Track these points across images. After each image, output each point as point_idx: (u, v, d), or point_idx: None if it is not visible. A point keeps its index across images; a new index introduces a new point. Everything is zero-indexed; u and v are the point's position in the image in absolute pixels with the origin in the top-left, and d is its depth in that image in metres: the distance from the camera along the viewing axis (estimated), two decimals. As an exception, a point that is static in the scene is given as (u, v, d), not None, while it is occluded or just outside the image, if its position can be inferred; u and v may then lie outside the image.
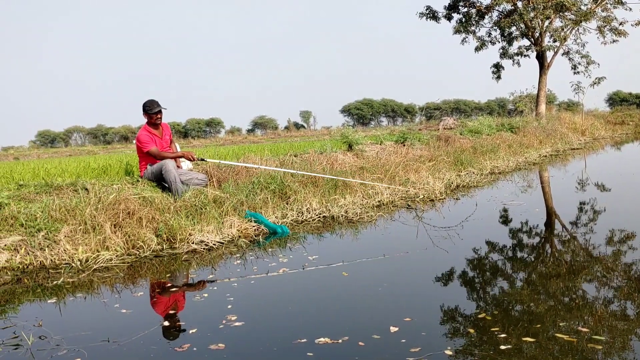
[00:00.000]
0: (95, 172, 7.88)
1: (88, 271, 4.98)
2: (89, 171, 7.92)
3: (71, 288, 4.56)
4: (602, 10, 22.94)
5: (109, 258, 5.23)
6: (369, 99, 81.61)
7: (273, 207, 6.87)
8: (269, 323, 3.61)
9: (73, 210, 5.59)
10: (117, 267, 5.12)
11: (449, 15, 24.66)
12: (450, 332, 3.23)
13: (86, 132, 78.80)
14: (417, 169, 9.44)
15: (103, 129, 77.62)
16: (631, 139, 22.69)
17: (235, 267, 4.97)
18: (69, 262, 5.15)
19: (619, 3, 22.72)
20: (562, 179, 10.46)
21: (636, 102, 62.21)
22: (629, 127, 28.91)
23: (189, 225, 5.86)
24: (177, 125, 71.57)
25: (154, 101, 6.90)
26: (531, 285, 4.12)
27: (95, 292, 4.48)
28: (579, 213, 6.95)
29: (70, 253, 5.20)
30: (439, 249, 5.26)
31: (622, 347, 2.91)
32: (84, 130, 79.00)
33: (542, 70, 24.19)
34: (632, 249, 4.91)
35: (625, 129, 28.10)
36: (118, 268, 5.09)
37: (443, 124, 23.30)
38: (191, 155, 6.89)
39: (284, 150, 10.92)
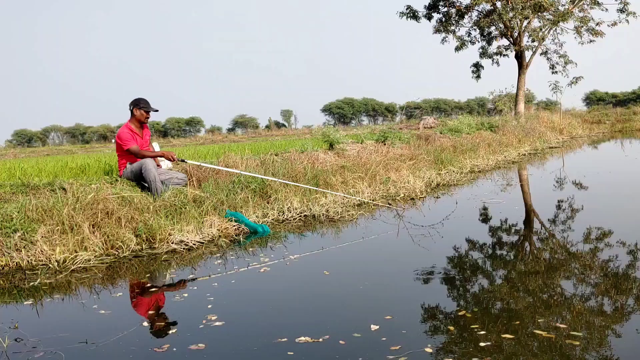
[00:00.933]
0: (73, 171, 7.78)
1: (66, 272, 4.91)
2: (66, 171, 7.82)
3: (48, 289, 4.49)
4: (579, 11, 23.25)
5: (87, 259, 5.16)
6: (350, 98, 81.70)
7: (254, 206, 6.85)
8: (249, 322, 3.59)
9: (50, 211, 5.51)
10: (96, 267, 5.06)
11: (429, 15, 24.80)
12: (430, 329, 3.24)
13: (64, 131, 77.78)
14: (397, 167, 9.47)
15: (81, 128, 76.69)
16: (607, 137, 23.03)
17: (215, 267, 4.94)
18: (46, 263, 5.07)
19: (595, 4, 23.05)
20: (541, 177, 10.58)
21: (612, 102, 63.14)
22: (605, 126, 29.35)
23: (168, 225, 5.81)
24: (157, 125, 70.99)
25: (146, 100, 6.86)
26: (510, 282, 4.16)
27: (73, 293, 4.42)
28: (557, 211, 7.03)
29: (47, 254, 5.12)
30: (419, 247, 5.28)
31: (599, 342, 2.94)
32: (61, 130, 77.98)
33: (521, 69, 24.44)
34: (608, 246, 4.97)
35: (602, 128, 28.52)
36: (96, 269, 5.03)
37: (423, 123, 23.47)
38: (171, 155, 6.83)
39: (264, 149, 10.90)
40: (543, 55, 24.54)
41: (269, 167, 8.20)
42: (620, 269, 4.25)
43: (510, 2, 22.12)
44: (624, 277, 4.05)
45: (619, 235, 5.28)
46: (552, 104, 41.93)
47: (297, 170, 8.05)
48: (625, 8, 22.68)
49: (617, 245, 4.95)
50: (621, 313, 3.37)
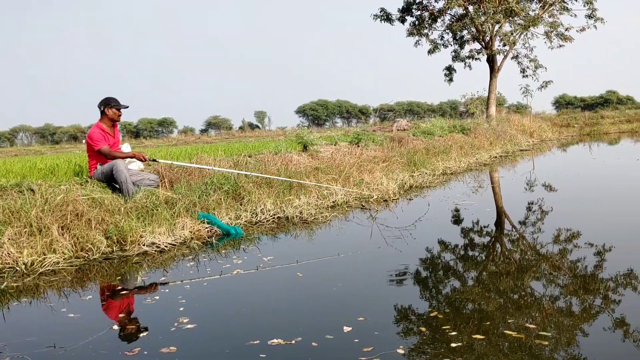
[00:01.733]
0: (42, 172, 7.63)
1: (33, 275, 4.81)
2: (35, 172, 7.66)
3: (15, 293, 4.40)
4: (549, 16, 23.70)
5: (56, 261, 5.07)
6: (324, 100, 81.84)
7: (226, 208, 6.80)
8: (221, 325, 3.57)
9: (17, 212, 5.40)
10: (65, 270, 4.97)
11: (402, 18, 24.99)
12: (402, 331, 3.26)
13: (33, 131, 76.25)
14: (371, 169, 9.52)
15: (51, 128, 75.31)
16: (576, 140, 23.49)
17: (187, 269, 4.90)
18: (13, 266, 4.96)
19: (564, 10, 23.52)
20: (512, 179, 10.74)
21: (581, 106, 64.35)
22: (574, 129, 29.91)
23: (140, 227, 5.74)
24: (129, 125, 70.11)
25: (115, 99, 6.77)
26: (482, 283, 4.21)
27: (41, 296, 4.33)
28: (527, 212, 7.14)
29: (14, 256, 5.01)
30: (392, 249, 5.31)
31: (568, 342, 3.00)
32: (30, 130, 76.43)
33: (493, 73, 24.79)
34: (577, 247, 5.07)
35: (571, 131, 29.08)
36: (66, 271, 4.94)
37: (397, 125, 23.59)
38: (142, 156, 6.75)
39: (238, 150, 10.84)
40: (514, 60, 24.94)
41: (242, 168, 8.16)
42: (588, 269, 4.34)
43: (482, 6, 22.44)
44: (592, 278, 4.13)
45: (586, 237, 5.39)
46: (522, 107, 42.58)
47: (271, 172, 8.03)
48: (593, 14, 23.18)
49: (584, 246, 5.04)
50: (589, 313, 3.43)
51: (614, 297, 3.70)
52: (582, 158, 15.34)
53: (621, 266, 4.29)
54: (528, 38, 24.29)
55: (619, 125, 30.27)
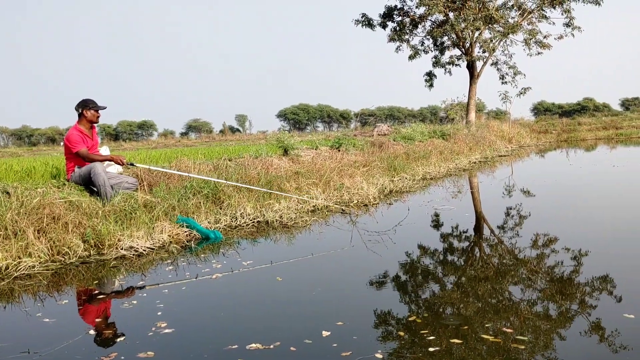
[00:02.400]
0: (18, 174, 7.51)
1: (8, 279, 4.73)
2: (11, 174, 7.54)
3: (-11, 297, 4.32)
4: (528, 24, 24.04)
5: (31, 265, 4.99)
6: (305, 104, 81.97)
7: (206, 212, 6.77)
8: (200, 329, 3.54)
9: (-8, 215, 5.31)
10: (41, 274, 4.90)
11: (383, 24, 25.15)
12: (381, 335, 3.27)
13: (9, 133, 75.16)
14: (351, 174, 9.54)
15: (28, 130, 74.30)
16: (554, 147, 23.79)
17: (166, 273, 4.86)
18: (-13, 270, 4.88)
19: (543, 17, 23.87)
20: (491, 184, 10.84)
21: (558, 112, 65.37)
22: (551, 135, 30.31)
23: (118, 231, 5.68)
24: (108, 127, 69.50)
25: (93, 100, 6.70)
26: (460, 287, 4.24)
27: (16, 301, 4.26)
28: (506, 217, 7.21)
29: (-12, 260, 4.93)
30: (372, 253, 5.32)
31: (544, 346, 3.03)
32: (7, 131, 75.31)
33: (472, 79, 25.04)
34: (554, 252, 5.13)
35: (549, 137, 29.45)
36: (41, 275, 4.87)
37: (377, 130, 23.71)
38: (120, 159, 6.69)
39: (218, 154, 10.79)
40: (493, 66, 25.23)
41: (222, 172, 8.13)
42: (564, 274, 4.39)
43: (463, 13, 22.68)
44: (568, 282, 4.18)
45: (563, 242, 5.45)
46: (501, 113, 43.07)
47: (251, 176, 8.01)
48: (571, 22, 23.55)
49: (561, 251, 5.11)
50: (565, 317, 3.47)
51: (589, 301, 3.75)
52: (559, 164, 15.54)
53: (597, 271, 4.35)
54: (507, 45, 24.62)
55: (595, 132, 30.73)
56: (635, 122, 33.14)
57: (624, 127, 31.58)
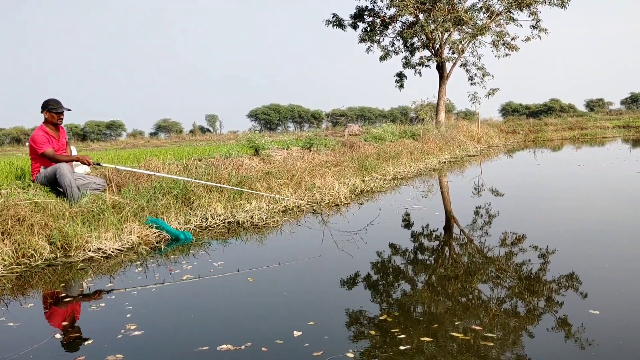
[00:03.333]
0: (-19, 176, 7.32)
1: (-29, 282, 4.61)
2: (-26, 175, 7.35)
3: (-49, 301, 4.20)
4: (496, 26, 24.42)
5: (-5, 268, 4.87)
6: (276, 104, 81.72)
7: (176, 212, 6.69)
8: (170, 331, 3.50)
9: (-46, 217, 5.17)
10: (5, 277, 4.78)
11: (354, 24, 25.26)
12: (352, 334, 3.28)
13: (-28, 133, 73.22)
14: (322, 174, 9.55)
15: (-8, 130, 72.47)
16: (521, 147, 24.19)
17: (135, 275, 4.79)
18: (-52, 273, 4.75)
19: (511, 20, 24.27)
20: (460, 184, 10.96)
21: (526, 113, 66.52)
22: (519, 135, 30.80)
23: (85, 232, 5.58)
24: (75, 128, 68.23)
25: (58, 100, 6.55)
26: (430, 286, 4.28)
27: (-22, 305, 4.15)
28: (475, 217, 7.30)
29: (-50, 263, 4.79)
30: (343, 253, 5.33)
31: (512, 343, 3.07)
32: (-30, 132, 73.37)
33: (442, 80, 25.32)
34: (522, 250, 5.21)
35: (517, 138, 29.93)
36: (5, 279, 4.75)
37: (348, 130, 23.78)
38: (87, 159, 6.57)
39: (188, 154, 10.69)
40: (462, 67, 25.56)
41: (192, 172, 8.06)
42: (532, 272, 4.46)
43: (432, 15, 22.91)
44: (535, 280, 4.25)
45: (531, 240, 5.55)
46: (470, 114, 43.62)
47: (222, 176, 7.95)
48: (537, 25, 23.98)
49: (529, 249, 5.19)
50: (533, 314, 3.53)
51: (556, 298, 3.81)
52: (527, 164, 15.81)
53: (563, 269, 4.43)
54: (476, 46, 24.99)
55: (561, 132, 31.37)
56: (599, 122, 33.95)
57: (588, 127, 32.31)
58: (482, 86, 25.72)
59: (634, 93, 73.70)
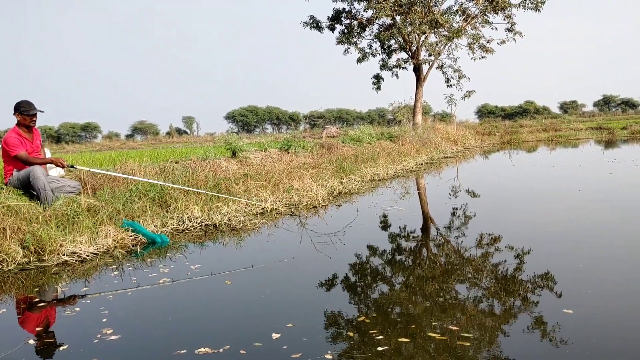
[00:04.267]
0: (-48, 179, 7.18)
1: (-59, 288, 4.51)
2: (-56, 178, 7.20)
3: None
4: (472, 29, 24.65)
5: (-34, 273, 4.77)
6: (254, 106, 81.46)
7: (152, 215, 6.63)
8: (147, 335, 3.47)
9: None
10: (-23, 282, 4.69)
11: (332, 26, 25.29)
12: (331, 336, 3.28)
13: (-58, 135, 71.72)
14: (300, 176, 9.54)
15: (-37, 132, 71.02)
16: (497, 148, 24.46)
17: (111, 279, 4.73)
18: None
19: (486, 23, 24.54)
20: (437, 185, 11.05)
21: (501, 115, 67.34)
22: (495, 137, 31.14)
23: (59, 236, 5.49)
24: (50, 129, 67.24)
25: (30, 102, 6.42)
26: (408, 287, 4.30)
27: (-51, 311, 4.06)
28: (452, 218, 7.36)
29: None
30: (322, 255, 5.33)
31: (489, 342, 3.10)
32: (-60, 134, 71.84)
33: (419, 82, 25.49)
34: (498, 250, 5.27)
35: (492, 139, 30.26)
36: (-23, 284, 4.66)
37: (326, 132, 23.80)
38: (61, 162, 6.47)
39: (164, 156, 10.61)
40: (439, 69, 25.75)
41: (169, 174, 7.99)
42: (508, 272, 4.52)
43: (409, 17, 23.05)
44: (511, 280, 4.30)
45: (506, 241, 5.61)
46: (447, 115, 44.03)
47: (199, 179, 7.90)
48: (512, 28, 24.28)
49: (505, 249, 5.25)
50: (508, 313, 3.57)
51: (532, 298, 3.86)
52: (502, 166, 15.99)
53: (538, 268, 4.49)
54: (452, 49, 25.19)
55: (536, 134, 31.80)
56: (572, 124, 34.46)
57: (562, 129, 32.81)
58: (459, 88, 25.96)
59: (606, 95, 75.17)
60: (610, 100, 74.80)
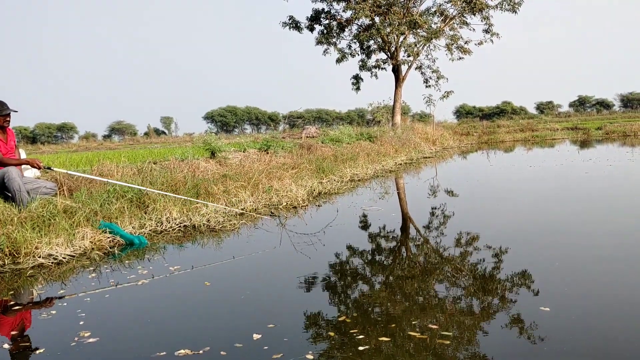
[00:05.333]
0: None
1: None
2: None
3: None
4: (450, 30, 24.85)
5: (-61, 276, 4.67)
6: (233, 107, 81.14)
7: (130, 216, 6.56)
8: (126, 337, 3.43)
9: None
10: (-50, 286, 4.59)
11: (311, 26, 25.30)
12: (312, 336, 3.28)
13: None
14: (280, 176, 9.52)
15: None
16: (475, 148, 24.69)
17: (88, 281, 4.67)
18: None
19: (464, 24, 24.77)
20: (416, 185, 11.11)
21: (479, 115, 67.99)
22: (473, 137, 31.43)
23: (35, 238, 5.40)
24: (25, 130, 66.19)
25: (2, 102, 6.31)
26: (388, 287, 4.31)
27: None
28: (431, 217, 7.41)
29: None
30: (302, 255, 5.33)
31: (468, 340, 3.13)
32: None
33: (398, 82, 25.62)
34: (476, 249, 5.32)
35: (470, 140, 30.53)
36: (-50, 287, 4.56)
37: (306, 132, 23.80)
38: (37, 163, 6.37)
39: (142, 157, 10.52)
40: (418, 70, 25.94)
41: (147, 175, 7.91)
42: (486, 271, 4.56)
43: (388, 18, 23.16)
44: (489, 279, 4.34)
45: (485, 240, 5.66)
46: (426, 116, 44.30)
47: (177, 179, 7.84)
48: (490, 29, 24.56)
49: (483, 248, 5.30)
50: (487, 312, 3.61)
51: (509, 296, 3.90)
52: (481, 166, 16.14)
53: (515, 267, 4.54)
54: (431, 50, 25.39)
55: (513, 134, 32.15)
56: (549, 124, 34.94)
57: (539, 129, 33.23)
58: (437, 89, 26.19)
59: (582, 96, 76.33)
60: (585, 101, 76.00)
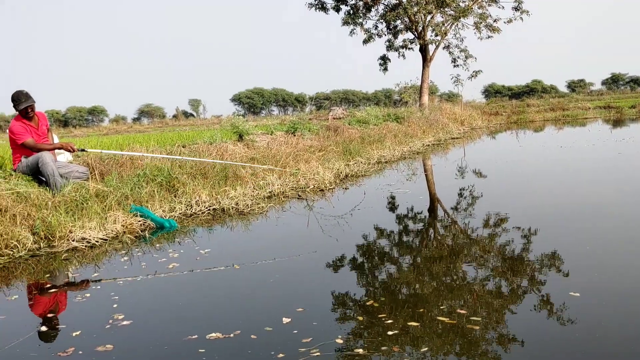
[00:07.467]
0: (-39, 165, 7.21)
1: (-46, 275, 4.56)
2: (-47, 165, 7.24)
3: None
4: (479, 8, 24.38)
5: (-22, 259, 4.82)
6: (260, 88, 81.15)
7: (160, 200, 6.65)
8: (158, 320, 3.50)
9: None
10: (-11, 269, 4.74)
11: (337, 7, 25.08)
12: (340, 320, 3.30)
13: (-51, 120, 71.86)
14: (307, 159, 9.53)
15: (-31, 117, 71.19)
16: (504, 128, 24.32)
17: (120, 265, 4.77)
18: None
19: (493, 1, 24.26)
20: (444, 167, 11.02)
21: (508, 94, 66.83)
22: (502, 117, 30.90)
23: (69, 222, 5.53)
24: (57, 114, 67.29)
25: (21, 94, 6.29)
26: (417, 270, 4.31)
27: (-38, 297, 4.11)
28: (459, 199, 7.36)
29: None
30: (329, 239, 5.35)
31: (496, 325, 3.12)
32: (-54, 119, 71.99)
33: (425, 62, 25.31)
34: (505, 231, 5.27)
35: (499, 119, 30.05)
36: (-11, 270, 4.71)
37: (332, 114, 23.74)
38: (70, 146, 6.49)
39: (171, 140, 10.62)
40: (445, 49, 25.56)
41: (176, 160, 7.99)
42: (515, 254, 4.52)
43: (415, -4, 22.83)
44: (519, 260, 4.30)
45: (514, 222, 5.60)
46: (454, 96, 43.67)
47: (206, 163, 7.90)
48: (519, 6, 24.03)
49: (513, 230, 5.25)
50: (516, 294, 3.58)
51: (539, 280, 3.87)
52: (510, 146, 15.92)
53: (546, 250, 4.49)
54: (459, 29, 24.99)
55: (543, 113, 31.52)
56: (580, 103, 34.15)
57: (570, 108, 32.50)
58: (465, 68, 25.84)
59: (615, 73, 74.29)
60: (618, 79, 73.97)
